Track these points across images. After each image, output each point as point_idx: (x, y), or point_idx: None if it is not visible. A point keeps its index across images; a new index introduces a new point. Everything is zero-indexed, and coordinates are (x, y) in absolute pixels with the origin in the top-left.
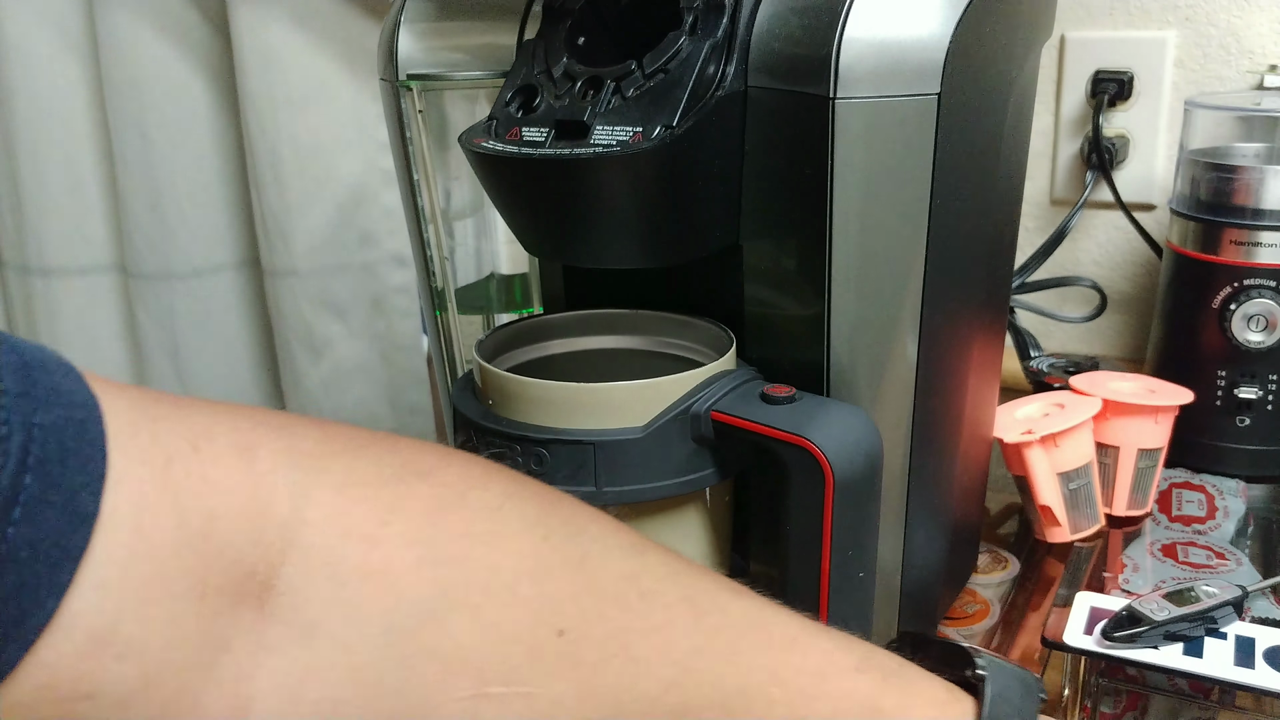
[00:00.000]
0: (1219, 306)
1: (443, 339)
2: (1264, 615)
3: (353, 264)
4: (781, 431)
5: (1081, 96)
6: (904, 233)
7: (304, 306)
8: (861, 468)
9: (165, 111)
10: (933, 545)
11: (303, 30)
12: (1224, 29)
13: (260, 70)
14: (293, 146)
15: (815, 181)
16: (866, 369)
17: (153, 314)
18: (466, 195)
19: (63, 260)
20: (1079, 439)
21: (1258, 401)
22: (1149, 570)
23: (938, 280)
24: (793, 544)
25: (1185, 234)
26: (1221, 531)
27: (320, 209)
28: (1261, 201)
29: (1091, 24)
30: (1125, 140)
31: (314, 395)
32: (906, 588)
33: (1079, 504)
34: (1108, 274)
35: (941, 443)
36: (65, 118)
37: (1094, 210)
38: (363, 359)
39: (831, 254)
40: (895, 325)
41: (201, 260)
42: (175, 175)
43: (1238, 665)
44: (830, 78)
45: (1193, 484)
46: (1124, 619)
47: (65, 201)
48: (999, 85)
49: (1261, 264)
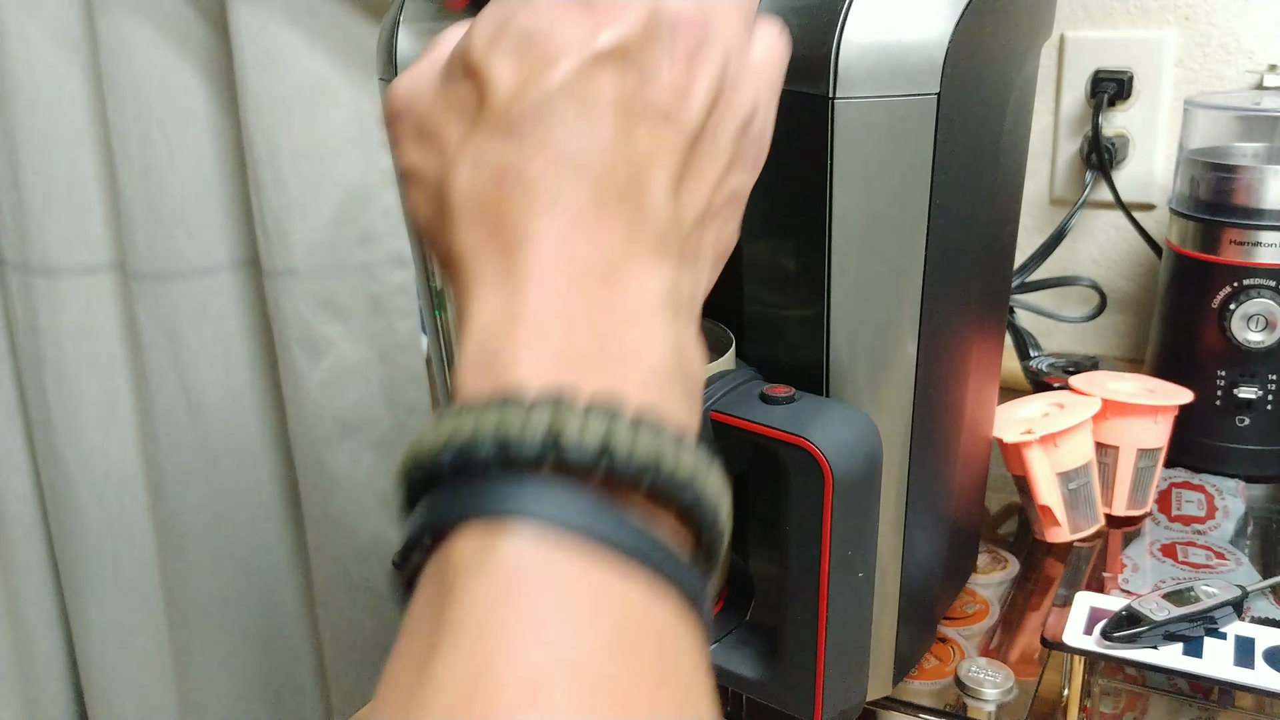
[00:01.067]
0: (1219, 306)
1: (442, 339)
2: (1264, 615)
3: (352, 264)
4: (781, 432)
5: (1081, 96)
6: (903, 232)
7: (303, 306)
8: (861, 468)
9: (165, 111)
10: (932, 545)
11: (302, 30)
12: (1224, 29)
13: (260, 70)
14: (292, 147)
15: (815, 181)
16: (866, 369)
17: (153, 313)
18: None
19: (63, 259)
20: (1078, 439)
21: (1257, 401)
22: (1148, 570)
23: (937, 280)
24: (792, 544)
25: (1185, 234)
26: (1221, 531)
27: (319, 209)
28: (1261, 201)
29: (1091, 24)
30: (1125, 140)
31: (313, 395)
32: (906, 588)
33: (1078, 504)
34: (1107, 274)
35: (941, 443)
36: (66, 118)
37: (1093, 210)
38: (362, 359)
39: (831, 254)
40: (895, 325)
41: (201, 260)
42: (175, 175)
43: (1237, 665)
44: (830, 77)
45: (1192, 484)
46: (1124, 619)
47: (66, 201)
48: (998, 85)
49: (1261, 264)
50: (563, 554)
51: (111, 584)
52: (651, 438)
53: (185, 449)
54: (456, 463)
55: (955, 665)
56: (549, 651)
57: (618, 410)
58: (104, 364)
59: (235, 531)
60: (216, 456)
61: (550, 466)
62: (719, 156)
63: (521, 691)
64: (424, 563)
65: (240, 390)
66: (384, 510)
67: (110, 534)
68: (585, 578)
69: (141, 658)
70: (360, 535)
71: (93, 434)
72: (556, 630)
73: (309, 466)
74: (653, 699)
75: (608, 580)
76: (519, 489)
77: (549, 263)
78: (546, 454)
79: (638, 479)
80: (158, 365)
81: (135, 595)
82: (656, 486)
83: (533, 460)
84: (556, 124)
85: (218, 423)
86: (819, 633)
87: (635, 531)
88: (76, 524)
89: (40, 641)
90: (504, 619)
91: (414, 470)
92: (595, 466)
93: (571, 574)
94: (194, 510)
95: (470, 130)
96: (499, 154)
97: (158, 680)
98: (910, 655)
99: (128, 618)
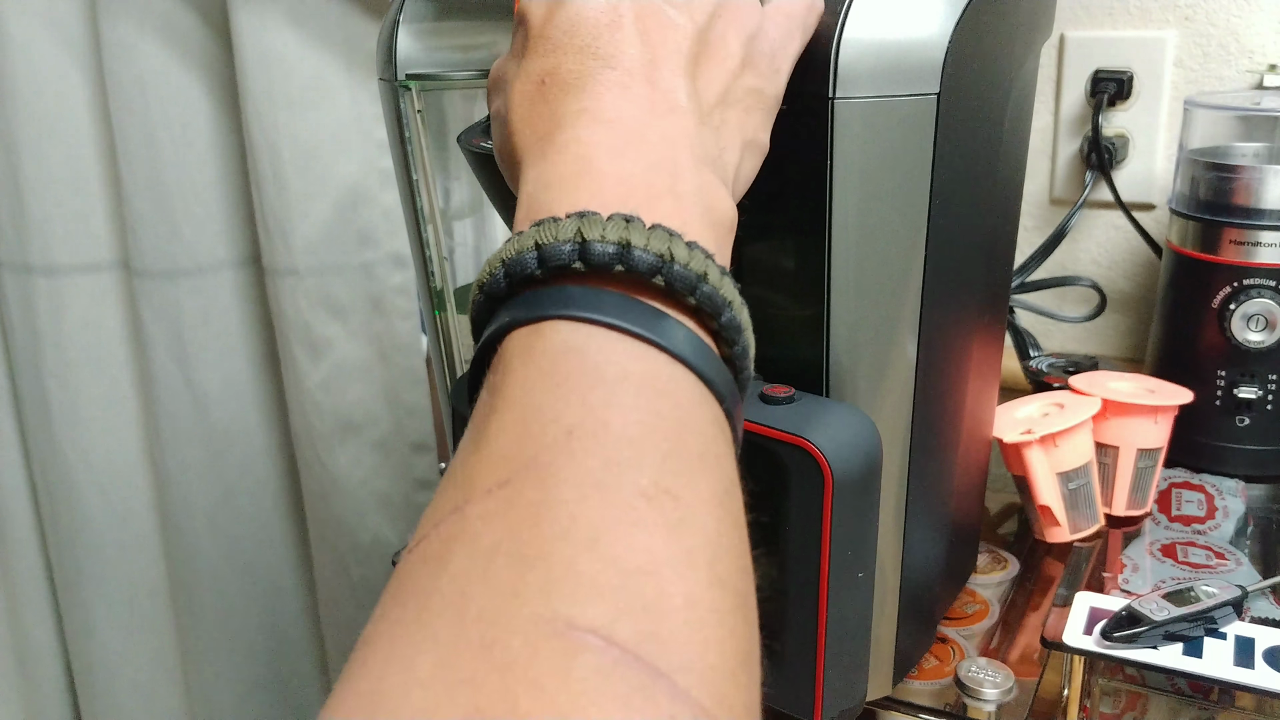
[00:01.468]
0: (1219, 306)
1: (442, 339)
2: (1263, 615)
3: (352, 264)
4: (781, 432)
5: (1081, 96)
6: (903, 232)
7: (303, 306)
8: (861, 468)
9: (168, 111)
10: (932, 545)
11: (303, 31)
12: (1224, 28)
13: (261, 70)
14: (293, 146)
15: (815, 181)
16: (866, 369)
17: (156, 311)
18: (465, 195)
19: (66, 258)
20: (1078, 439)
21: (1257, 401)
22: (1148, 570)
23: (937, 280)
24: (792, 544)
25: (1185, 234)
26: (1221, 531)
27: (320, 209)
28: (1261, 201)
29: (1091, 23)
30: (1125, 140)
31: (313, 395)
32: (906, 588)
33: (1078, 504)
34: (1107, 274)
35: (941, 442)
36: (69, 117)
37: (1093, 210)
38: (362, 359)
39: (831, 254)
40: (895, 325)
41: (204, 258)
42: (178, 173)
43: (1237, 665)
44: (830, 77)
45: (1192, 484)
46: (1123, 619)
47: (69, 199)
48: (998, 85)
49: (1261, 264)
50: (588, 339)
51: (115, 582)
52: (664, 238)
53: (188, 447)
54: (508, 281)
55: (955, 665)
56: (582, 411)
57: (634, 218)
58: (107, 362)
59: (237, 529)
60: (219, 454)
61: (579, 269)
62: (729, 56)
63: (558, 438)
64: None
65: (243, 388)
66: (384, 509)
67: (113, 533)
68: (611, 356)
69: (145, 655)
70: (361, 534)
71: (96, 432)
72: (584, 395)
73: (310, 465)
74: (675, 461)
75: (628, 357)
76: (556, 293)
77: (583, 131)
78: (573, 257)
79: (652, 273)
80: (161, 363)
81: (138, 593)
82: (671, 281)
83: (564, 264)
84: (582, 31)
85: (220, 421)
86: (819, 633)
87: (653, 318)
88: (80, 523)
89: (41, 640)
90: (543, 388)
91: (478, 301)
92: (612, 266)
93: (600, 353)
94: (197, 508)
95: (520, 61)
96: (540, 66)
97: (160, 677)
98: (910, 655)
99: (131, 616)
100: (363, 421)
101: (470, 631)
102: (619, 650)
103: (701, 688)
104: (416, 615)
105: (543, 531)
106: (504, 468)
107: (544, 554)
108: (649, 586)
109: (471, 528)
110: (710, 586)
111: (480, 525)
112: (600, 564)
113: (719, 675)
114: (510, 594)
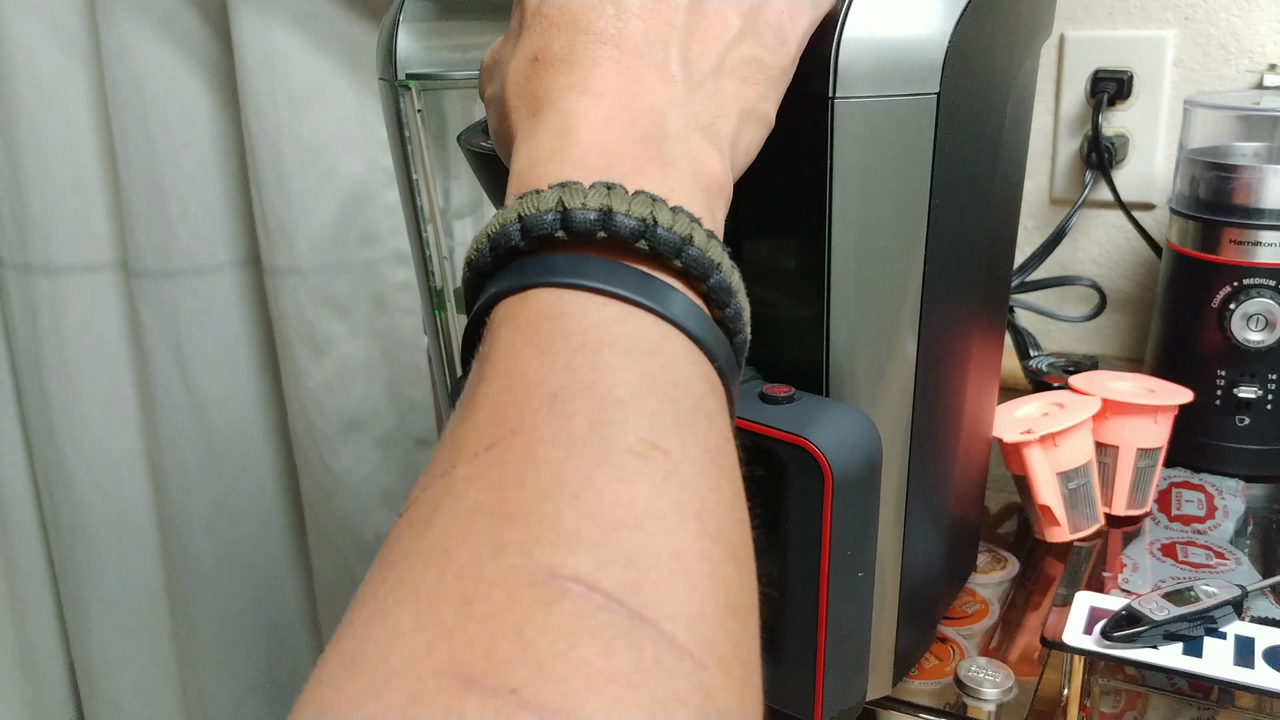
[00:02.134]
0: (1219, 306)
1: (442, 339)
2: (1263, 615)
3: (354, 262)
4: (780, 431)
5: (1081, 95)
6: (903, 232)
7: (306, 305)
8: (861, 468)
9: (168, 110)
10: (932, 545)
11: (303, 30)
12: (1224, 28)
13: (261, 70)
14: (294, 146)
15: (814, 181)
16: (866, 369)
17: (156, 311)
18: (466, 195)
19: (67, 258)
20: (1078, 438)
21: (1257, 401)
22: (1148, 570)
23: (937, 279)
24: (792, 544)
25: (1185, 233)
26: (1221, 531)
27: (322, 208)
28: (1261, 201)
29: (1091, 23)
30: (1125, 139)
31: (315, 393)
32: (906, 587)
33: (1078, 503)
34: (1107, 273)
35: (941, 442)
36: (68, 116)
37: (1093, 209)
38: (364, 357)
39: (830, 253)
40: (894, 325)
41: (204, 258)
42: (178, 173)
43: (1237, 665)
44: (830, 77)
45: (1192, 483)
46: (1123, 619)
47: (69, 199)
48: (998, 85)
49: (1261, 263)
50: (571, 303)
51: (114, 582)
52: (646, 203)
53: (188, 447)
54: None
55: (955, 665)
56: (567, 375)
57: (616, 185)
58: (107, 362)
59: (238, 529)
60: (219, 454)
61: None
62: (727, 26)
63: (544, 401)
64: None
65: (243, 388)
66: (388, 505)
67: (113, 532)
68: (596, 319)
69: (144, 654)
70: (363, 532)
71: (96, 433)
72: (569, 358)
73: (311, 464)
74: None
75: (613, 319)
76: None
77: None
78: (555, 226)
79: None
80: (161, 363)
81: (138, 592)
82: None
83: (548, 234)
84: (576, 7)
85: (220, 421)
86: (819, 633)
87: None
88: (79, 523)
89: (44, 640)
90: (529, 354)
91: (467, 278)
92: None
93: (584, 317)
94: (197, 508)
95: (515, 41)
96: (533, 44)
97: (160, 677)
98: (910, 655)
99: (131, 615)
100: (366, 418)
101: (451, 586)
102: (601, 596)
103: (688, 634)
104: (400, 576)
105: (526, 489)
106: (490, 433)
107: (527, 510)
108: (634, 538)
109: (456, 489)
110: (699, 538)
111: (464, 486)
112: (584, 517)
113: (707, 623)
114: (492, 549)
